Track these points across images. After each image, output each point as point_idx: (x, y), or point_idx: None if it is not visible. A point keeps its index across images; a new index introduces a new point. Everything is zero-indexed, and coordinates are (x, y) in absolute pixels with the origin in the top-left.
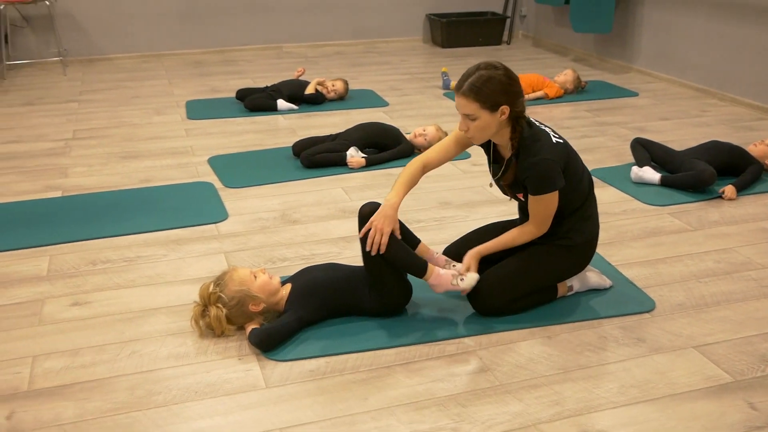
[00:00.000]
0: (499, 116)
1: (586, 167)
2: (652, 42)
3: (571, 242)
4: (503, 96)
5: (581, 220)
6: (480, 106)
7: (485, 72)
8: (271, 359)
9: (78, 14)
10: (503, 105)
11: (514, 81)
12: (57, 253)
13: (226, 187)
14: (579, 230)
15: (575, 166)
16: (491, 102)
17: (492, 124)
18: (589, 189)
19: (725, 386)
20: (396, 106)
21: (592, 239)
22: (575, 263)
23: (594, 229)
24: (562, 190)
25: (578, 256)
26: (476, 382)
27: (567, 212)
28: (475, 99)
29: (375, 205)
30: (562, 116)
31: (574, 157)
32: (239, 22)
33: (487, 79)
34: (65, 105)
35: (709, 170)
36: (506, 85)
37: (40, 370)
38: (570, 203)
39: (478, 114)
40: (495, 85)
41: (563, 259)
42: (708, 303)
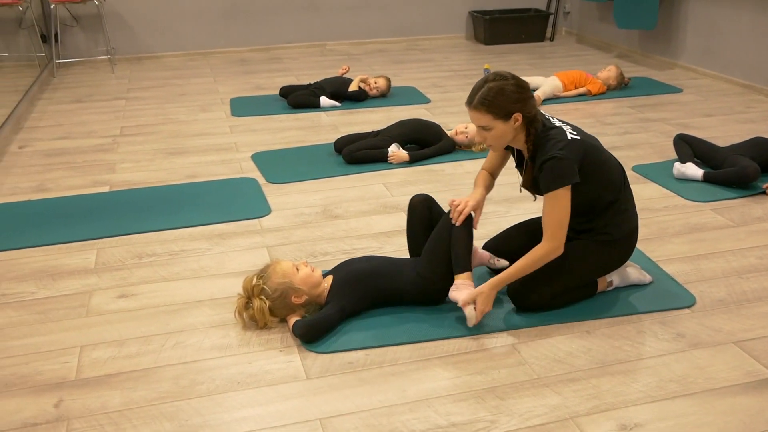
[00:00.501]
0: (513, 123)
1: (616, 161)
2: (697, 38)
3: (611, 237)
4: (515, 104)
5: (617, 214)
6: (493, 117)
7: (494, 84)
8: (312, 351)
9: (126, 13)
10: (516, 113)
11: (523, 88)
12: (104, 247)
13: (269, 183)
14: (616, 224)
15: (599, 161)
16: (504, 111)
17: (508, 132)
18: (623, 183)
19: (765, 381)
20: (438, 103)
21: (631, 233)
22: (615, 258)
23: (631, 222)
24: (587, 187)
25: (618, 250)
26: (514, 375)
27: (599, 207)
28: (487, 111)
29: (425, 196)
30: (604, 113)
31: (595, 152)
32: (283, 20)
33: (497, 90)
34: (113, 102)
35: (753, 166)
36: (516, 93)
37: (88, 360)
38: (600, 198)
39: (493, 125)
40: (505, 95)
41: (603, 254)
42: (749, 299)
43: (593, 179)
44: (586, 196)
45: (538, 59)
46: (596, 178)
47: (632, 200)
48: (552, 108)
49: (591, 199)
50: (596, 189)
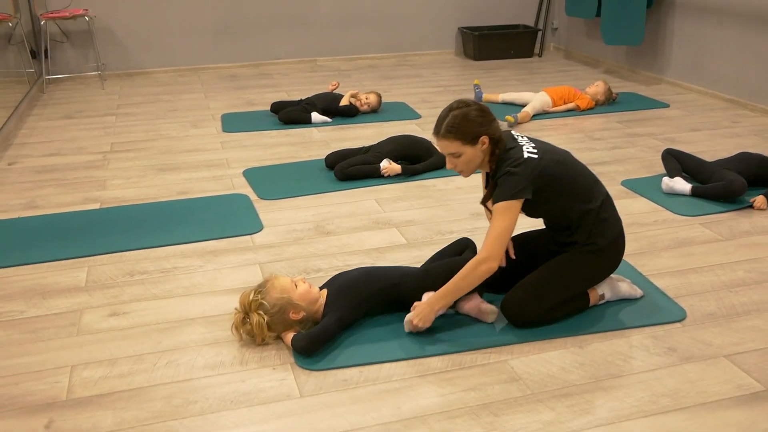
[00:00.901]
0: (481, 146)
1: (587, 172)
2: (683, 54)
3: (596, 247)
4: (480, 128)
5: (597, 224)
6: (462, 143)
7: (458, 111)
8: (306, 368)
9: (116, 29)
10: (482, 135)
11: (485, 112)
12: (95, 264)
13: (261, 199)
14: (599, 234)
15: (560, 174)
16: (471, 136)
17: (476, 156)
18: (596, 193)
19: (756, 395)
20: (428, 119)
21: (616, 240)
22: (604, 267)
23: (614, 229)
24: (555, 200)
25: (606, 258)
26: (508, 391)
27: (575, 219)
28: (455, 138)
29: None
30: (593, 128)
31: (555, 167)
32: (274, 36)
33: (462, 116)
34: (103, 118)
35: (740, 180)
36: (480, 117)
37: (79, 379)
38: (572, 209)
39: (462, 150)
40: (470, 120)
41: (592, 264)
42: (739, 312)
43: (556, 192)
44: (556, 209)
45: (526, 75)
46: (560, 191)
47: (612, 207)
48: (541, 123)
49: (562, 210)
50: (563, 201)
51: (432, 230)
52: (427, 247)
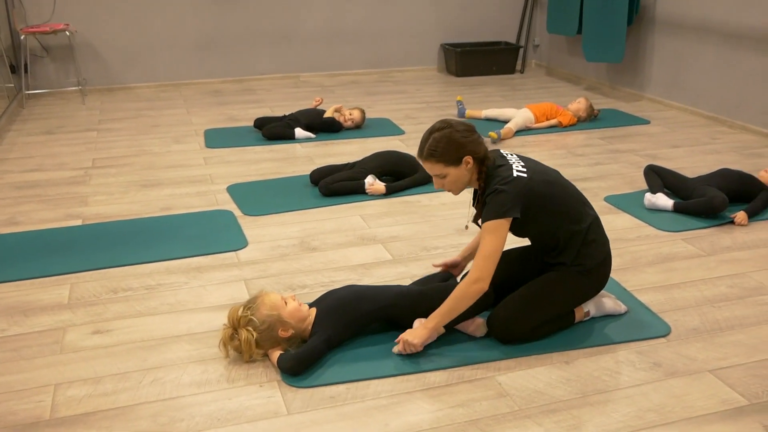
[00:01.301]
0: (465, 166)
1: (576, 193)
2: (663, 71)
3: (584, 267)
4: (462, 148)
5: (585, 245)
6: (445, 164)
7: (438, 134)
8: (293, 386)
9: (97, 44)
10: (465, 156)
11: (468, 131)
12: (78, 282)
13: (246, 215)
14: (587, 255)
15: (549, 194)
16: (453, 157)
17: (462, 176)
18: (585, 214)
19: (741, 409)
20: (412, 135)
21: (603, 260)
22: (591, 286)
23: (602, 250)
24: (543, 219)
25: (593, 279)
26: (496, 407)
27: (564, 239)
28: (437, 160)
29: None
30: (575, 144)
31: (545, 187)
32: (257, 52)
33: (444, 138)
34: (84, 134)
35: (721, 196)
36: (461, 138)
37: (63, 398)
38: (560, 229)
39: (446, 171)
40: (451, 142)
41: (579, 283)
42: (722, 327)
43: (545, 212)
44: (544, 229)
45: (509, 91)
46: (548, 211)
47: (600, 229)
48: (524, 139)
49: (550, 231)
50: (551, 221)
51: (417, 246)
52: (413, 263)
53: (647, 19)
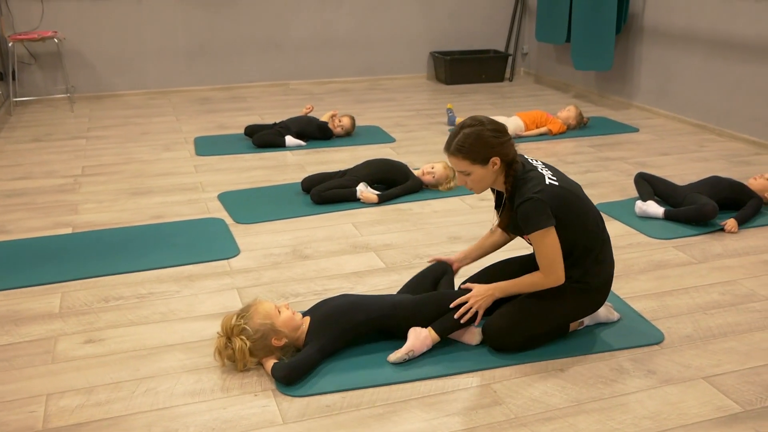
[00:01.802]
0: (492, 167)
1: (596, 211)
2: (651, 79)
3: (588, 286)
4: (491, 149)
5: (594, 264)
6: (471, 162)
7: (469, 130)
8: (288, 395)
9: (85, 51)
10: (493, 157)
11: (500, 132)
12: (69, 290)
13: (237, 223)
14: (594, 274)
15: (575, 208)
16: (481, 157)
17: (487, 176)
18: (601, 232)
19: (735, 416)
20: (402, 142)
21: (607, 281)
22: (590, 305)
23: (609, 271)
24: (563, 232)
25: (594, 298)
26: (492, 415)
27: (576, 254)
28: (464, 157)
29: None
30: (565, 152)
31: (573, 199)
32: (246, 60)
33: (474, 135)
34: (73, 141)
35: (711, 204)
36: (492, 138)
37: (55, 408)
38: (576, 245)
39: (471, 169)
40: (482, 141)
41: (578, 301)
42: (715, 334)
43: (569, 225)
44: (562, 242)
45: (498, 99)
46: (572, 224)
47: (610, 251)
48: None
49: (568, 244)
50: (572, 235)
51: (410, 254)
52: (406, 271)
53: (635, 28)
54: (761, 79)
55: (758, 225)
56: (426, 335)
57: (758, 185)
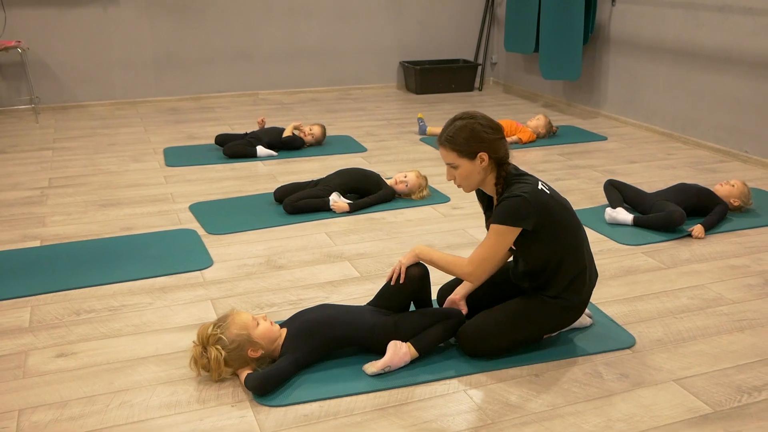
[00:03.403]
0: (479, 163)
1: (583, 233)
2: (618, 88)
3: (568, 303)
4: (480, 143)
5: (576, 282)
6: (458, 154)
7: (461, 122)
8: (265, 405)
9: (50, 61)
10: (481, 152)
11: (492, 128)
12: (39, 304)
13: (209, 234)
14: (575, 291)
15: (559, 217)
16: (468, 150)
17: (474, 172)
18: (584, 250)
19: (705, 417)
20: (374, 152)
21: (586, 300)
22: (567, 320)
23: (590, 289)
24: (544, 241)
25: (571, 313)
26: (468, 421)
27: (551, 267)
28: (452, 148)
29: (424, 270)
30: (536, 160)
31: (557, 209)
32: (215, 70)
33: (464, 128)
34: (39, 153)
35: (679, 211)
36: (482, 132)
37: (27, 424)
38: (552, 257)
39: (458, 162)
40: (470, 134)
41: (557, 316)
42: (685, 338)
43: (553, 237)
44: (544, 253)
45: (468, 108)
46: (557, 237)
47: (594, 272)
48: None
49: (543, 254)
50: (556, 248)
51: (384, 263)
52: (380, 280)
53: (602, 38)
54: (724, 88)
55: (724, 230)
56: (405, 351)
57: (724, 191)
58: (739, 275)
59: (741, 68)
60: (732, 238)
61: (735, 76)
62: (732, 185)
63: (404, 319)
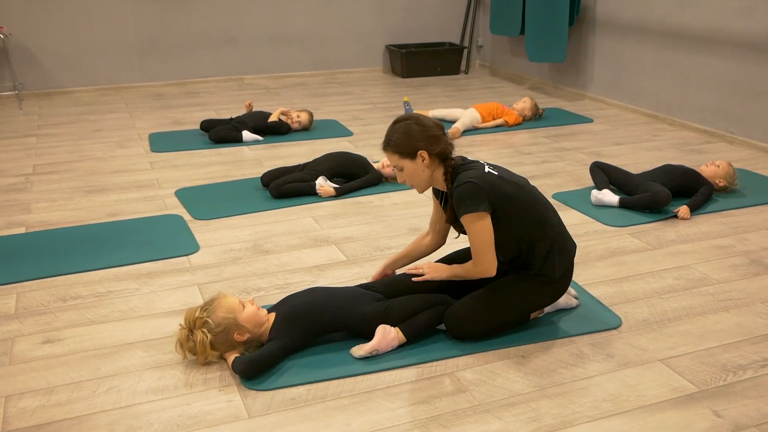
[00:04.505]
0: (421, 161)
1: (547, 203)
2: (604, 70)
3: (548, 279)
4: (417, 142)
5: (550, 255)
6: (399, 156)
7: (399, 125)
8: (253, 389)
9: (33, 47)
10: (420, 150)
11: (426, 127)
12: (24, 291)
13: (196, 219)
14: (553, 267)
15: (516, 198)
16: (408, 150)
17: (418, 170)
18: (553, 225)
19: (691, 396)
20: (360, 136)
21: (567, 271)
22: (552, 295)
23: (566, 261)
24: (503, 222)
25: (555, 288)
26: (456, 402)
27: (524, 247)
28: (393, 150)
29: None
30: (522, 143)
31: (510, 189)
32: (200, 55)
33: (401, 130)
34: (23, 139)
35: (664, 192)
36: (418, 132)
37: (14, 410)
38: (521, 237)
39: (401, 163)
40: (406, 134)
41: (541, 293)
42: (670, 318)
43: (513, 216)
44: (508, 235)
45: (454, 91)
46: (516, 216)
47: (566, 240)
48: (471, 139)
49: (514, 238)
50: (518, 227)
51: (371, 246)
52: (367, 263)
53: (588, 20)
54: (709, 69)
55: (710, 211)
56: (393, 336)
57: (709, 172)
58: (724, 255)
59: (726, 49)
60: (717, 218)
61: (721, 57)
62: (717, 166)
63: (394, 304)
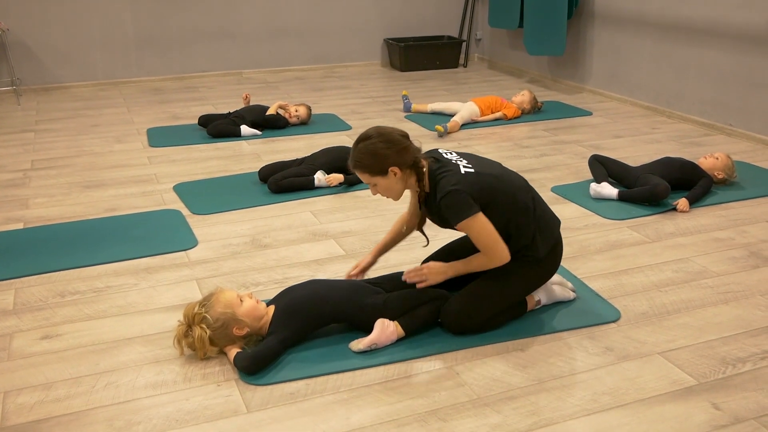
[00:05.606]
0: (393, 176)
1: (523, 183)
2: (603, 63)
3: (535, 257)
4: (385, 159)
5: (534, 234)
6: (370, 175)
7: (362, 144)
8: (251, 383)
9: (31, 43)
10: (390, 167)
11: (392, 141)
12: (23, 286)
13: (194, 214)
14: (537, 246)
15: (498, 189)
16: (377, 169)
17: (392, 184)
18: (533, 205)
19: (690, 389)
20: (359, 130)
21: (554, 247)
22: (543, 275)
23: (552, 237)
24: (492, 214)
25: (544, 267)
26: (455, 396)
27: (514, 232)
28: (363, 171)
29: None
30: (521, 136)
31: (491, 182)
32: (198, 49)
33: (366, 150)
34: (21, 135)
35: (663, 184)
36: (383, 149)
37: (13, 406)
38: (510, 223)
39: (374, 181)
40: (373, 154)
41: (530, 273)
42: (669, 311)
43: (497, 207)
44: (496, 224)
45: (453, 85)
46: (499, 205)
47: (548, 214)
48: (470, 132)
49: (502, 225)
50: (503, 216)
51: (369, 240)
52: None
53: (586, 13)
54: (708, 61)
55: (709, 204)
56: (393, 330)
57: (708, 164)
58: (723, 248)
59: (725, 41)
60: (716, 211)
61: (719, 49)
62: (716, 158)
63: (394, 298)
